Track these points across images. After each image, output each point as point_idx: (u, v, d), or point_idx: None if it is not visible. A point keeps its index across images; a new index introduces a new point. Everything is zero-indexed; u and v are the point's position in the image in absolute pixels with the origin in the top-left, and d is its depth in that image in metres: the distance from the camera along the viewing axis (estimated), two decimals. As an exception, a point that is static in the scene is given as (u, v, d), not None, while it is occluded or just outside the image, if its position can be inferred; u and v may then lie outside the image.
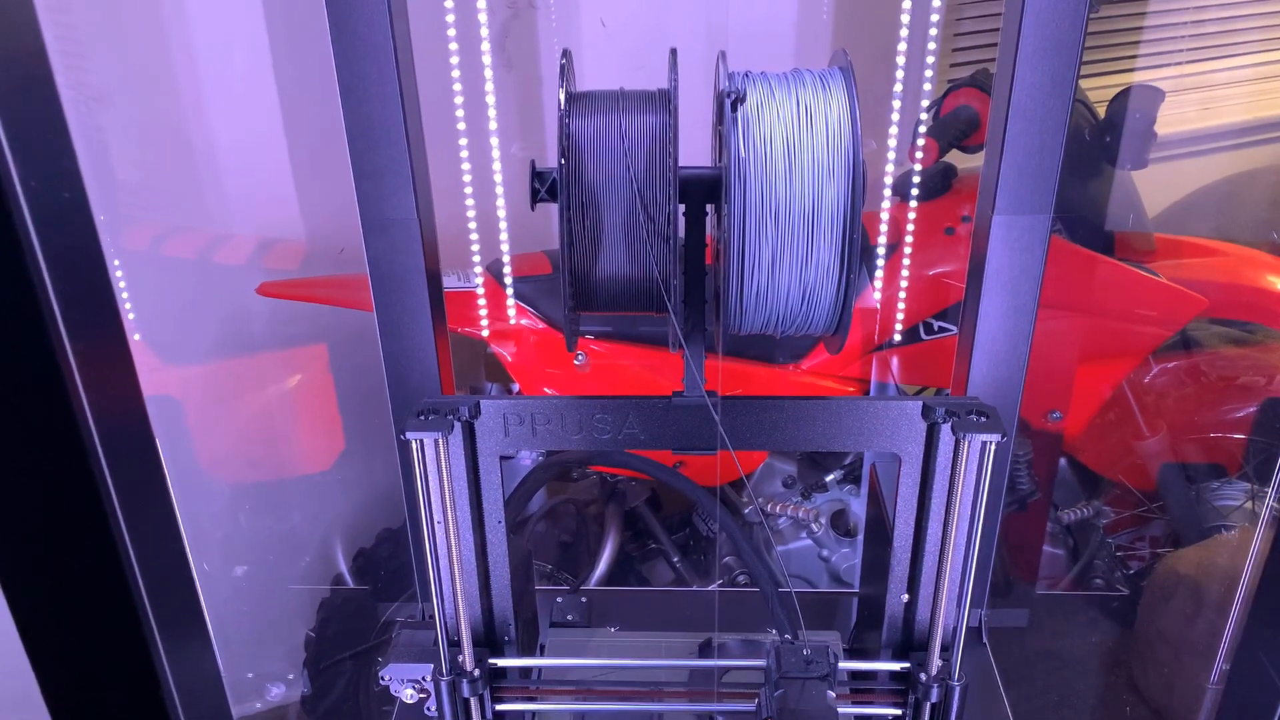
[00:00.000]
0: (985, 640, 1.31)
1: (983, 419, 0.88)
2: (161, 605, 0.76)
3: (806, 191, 0.82)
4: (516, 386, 1.77)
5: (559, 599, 1.19)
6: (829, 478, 1.88)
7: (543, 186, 0.88)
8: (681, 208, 0.87)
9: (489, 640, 1.05)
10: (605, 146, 0.85)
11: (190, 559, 0.84)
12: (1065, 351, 1.81)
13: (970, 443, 0.87)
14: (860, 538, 1.88)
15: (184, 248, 1.80)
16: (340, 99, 1.08)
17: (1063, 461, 1.99)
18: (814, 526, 1.85)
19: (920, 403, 0.91)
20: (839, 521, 1.88)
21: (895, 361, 1.83)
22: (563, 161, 0.82)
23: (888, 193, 1.79)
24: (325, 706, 1.80)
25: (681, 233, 0.88)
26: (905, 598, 1.01)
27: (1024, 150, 1.08)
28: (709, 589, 1.17)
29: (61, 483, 0.69)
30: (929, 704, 0.99)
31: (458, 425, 0.92)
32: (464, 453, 0.94)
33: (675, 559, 1.96)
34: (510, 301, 1.75)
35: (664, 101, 0.86)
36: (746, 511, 1.88)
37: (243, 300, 1.75)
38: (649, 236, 0.85)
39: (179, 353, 1.74)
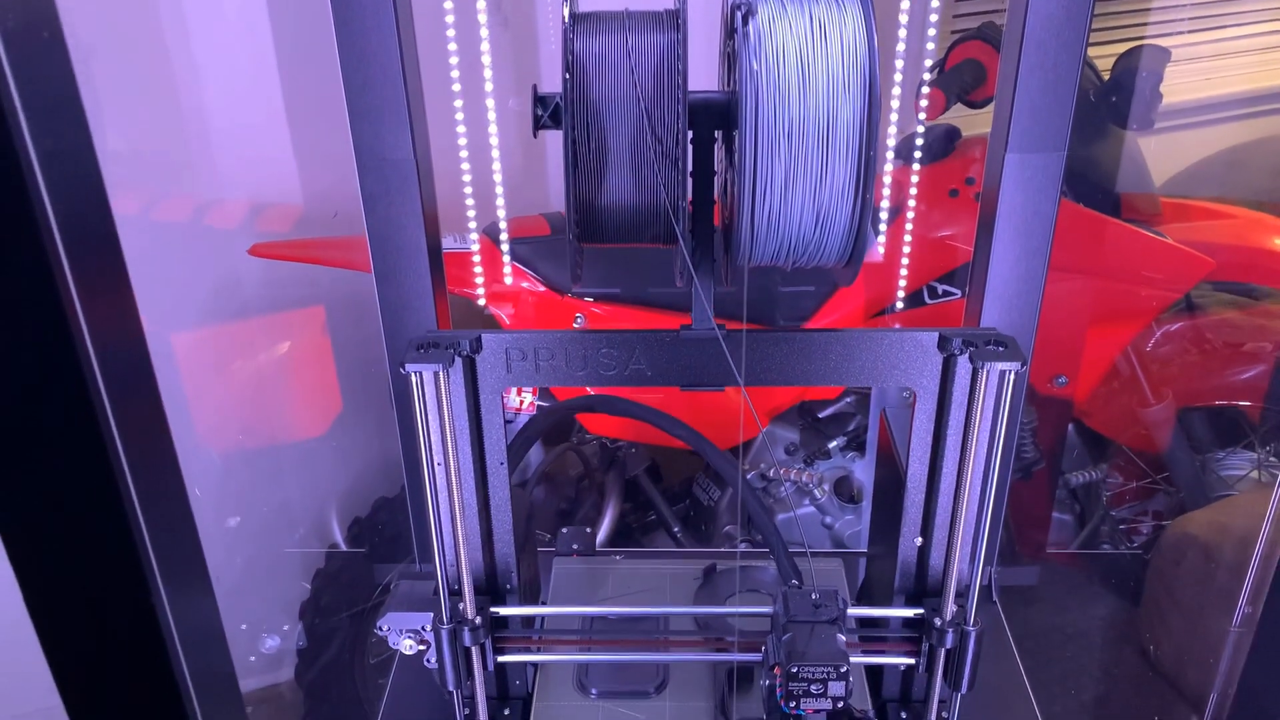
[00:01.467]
0: (995, 598, 1.29)
1: (1001, 348, 0.85)
2: (165, 556, 0.74)
3: (821, 109, 0.79)
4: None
5: (564, 529, 1.16)
6: (831, 444, 1.86)
7: (545, 111, 0.85)
8: (689, 135, 0.85)
9: (490, 589, 1.02)
10: (611, 66, 0.82)
11: (192, 508, 0.81)
12: (1071, 314, 1.78)
13: (989, 372, 0.84)
14: (865, 503, 1.85)
15: (175, 212, 1.76)
16: (335, 34, 1.05)
17: (1069, 427, 1.97)
18: (817, 493, 1.82)
19: (937, 334, 0.88)
20: (842, 488, 1.85)
21: (898, 326, 1.80)
22: (567, 77, 0.79)
23: (890, 155, 1.77)
24: (319, 672, 1.77)
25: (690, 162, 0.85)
26: (919, 541, 0.98)
27: (1038, 86, 1.06)
28: (731, 550, 1.14)
29: (66, 429, 0.66)
30: (943, 650, 0.97)
31: (458, 360, 0.89)
32: (465, 389, 0.90)
33: (675, 529, 1.93)
34: (507, 263, 1.72)
35: (672, 21, 0.83)
36: (749, 477, 1.86)
37: (237, 264, 1.72)
38: (657, 158, 0.82)
39: (172, 318, 1.71)
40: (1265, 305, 2.00)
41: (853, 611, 1.06)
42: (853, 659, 1.05)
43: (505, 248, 1.72)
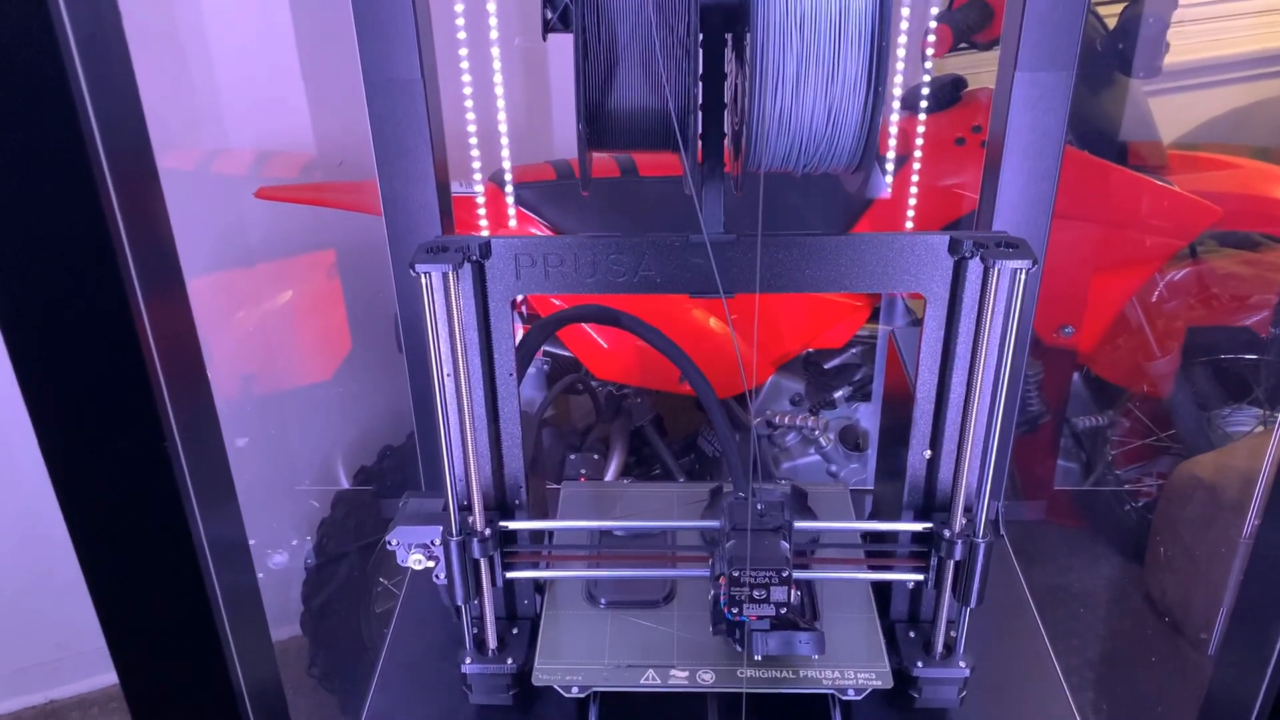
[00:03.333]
0: (1003, 532, 1.29)
1: (1012, 249, 0.85)
2: (197, 472, 0.75)
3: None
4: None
5: (571, 456, 1.17)
6: (837, 394, 1.86)
7: (554, 13, 0.85)
8: (700, 38, 0.84)
9: (499, 505, 1.02)
10: (621, -38, 0.82)
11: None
12: (1077, 263, 1.78)
13: (1000, 270, 0.84)
14: (870, 451, 1.85)
15: (182, 160, 1.76)
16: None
17: (1075, 375, 1.97)
18: (822, 441, 1.82)
19: (948, 236, 0.88)
20: (848, 437, 1.85)
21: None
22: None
23: (896, 105, 1.76)
24: (325, 620, 1.78)
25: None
26: (928, 454, 0.98)
27: (1046, 4, 1.06)
28: (741, 491, 1.14)
29: (113, 359, 0.68)
30: (952, 562, 0.96)
31: (467, 265, 0.89)
32: (474, 295, 0.90)
33: (680, 481, 1.93)
34: (511, 209, 1.72)
35: (682, -82, 0.83)
36: (754, 424, 1.86)
37: (246, 210, 1.72)
38: (668, 56, 0.81)
39: (186, 263, 1.71)
40: (1269, 255, 2.00)
41: (861, 526, 1.06)
42: (860, 576, 1.05)
43: (509, 192, 1.71)
